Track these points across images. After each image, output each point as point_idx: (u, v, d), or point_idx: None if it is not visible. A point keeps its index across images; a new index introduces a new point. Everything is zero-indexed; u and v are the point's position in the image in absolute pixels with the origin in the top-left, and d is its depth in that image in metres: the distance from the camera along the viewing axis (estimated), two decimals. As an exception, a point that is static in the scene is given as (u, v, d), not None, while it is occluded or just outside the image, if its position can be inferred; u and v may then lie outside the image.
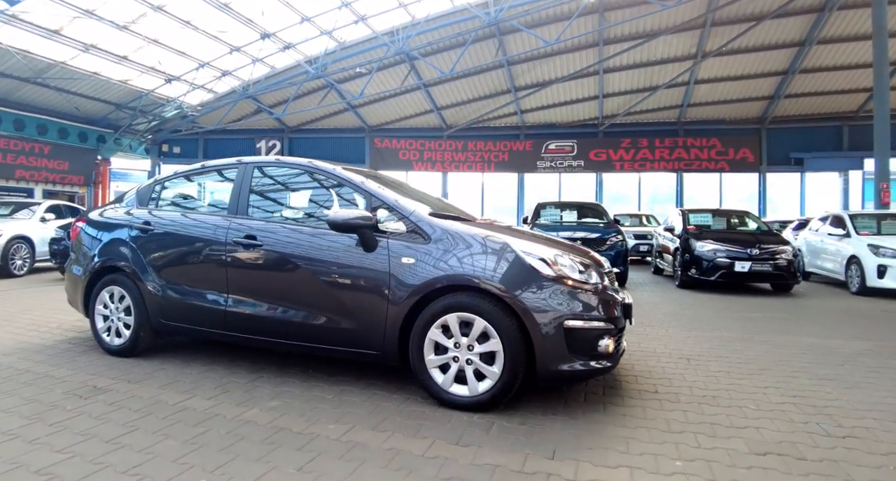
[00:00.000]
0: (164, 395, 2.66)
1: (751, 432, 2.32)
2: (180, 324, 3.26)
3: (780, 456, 2.07)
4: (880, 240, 7.63)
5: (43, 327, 4.26)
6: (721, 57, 14.82)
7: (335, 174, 3.10)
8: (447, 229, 2.67)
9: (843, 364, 3.56)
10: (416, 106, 18.04)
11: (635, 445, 2.16)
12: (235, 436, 2.17)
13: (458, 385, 2.51)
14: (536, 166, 19.18)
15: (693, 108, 17.77)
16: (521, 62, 15.45)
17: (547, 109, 18.21)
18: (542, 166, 19.17)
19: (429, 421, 2.37)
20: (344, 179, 3.05)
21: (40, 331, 4.13)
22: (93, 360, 3.29)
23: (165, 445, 2.06)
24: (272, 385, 2.87)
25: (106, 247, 3.52)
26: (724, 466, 1.98)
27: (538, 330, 2.39)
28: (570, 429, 2.31)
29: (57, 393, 2.65)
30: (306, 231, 2.93)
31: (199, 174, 3.71)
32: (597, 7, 12.80)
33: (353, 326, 2.72)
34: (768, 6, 12.82)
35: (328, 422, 2.33)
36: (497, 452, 2.06)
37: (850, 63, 14.83)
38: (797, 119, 17.45)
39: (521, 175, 19.57)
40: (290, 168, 3.38)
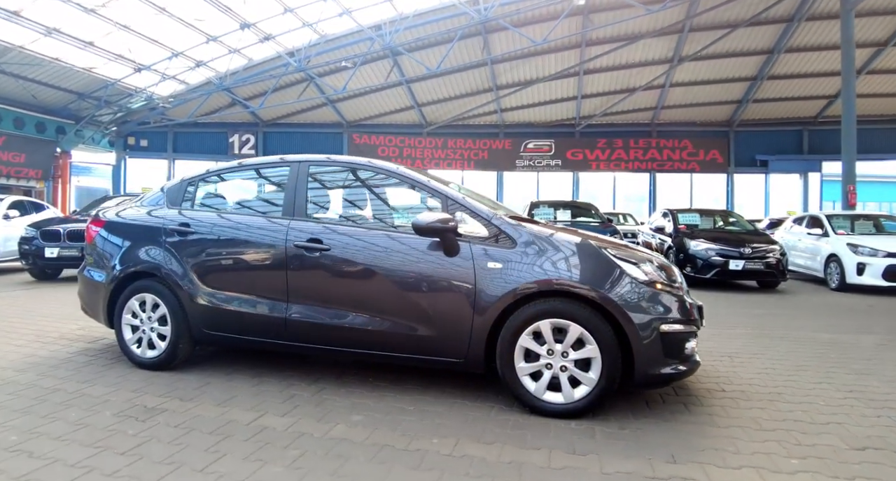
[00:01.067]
0: (231, 413, 2.47)
1: (836, 428, 2.41)
2: (227, 335, 3.05)
3: (878, 450, 2.16)
4: (858, 239, 8.10)
5: (44, 337, 3.90)
6: (696, 61, 15.35)
7: (400, 174, 3.01)
8: (534, 233, 2.65)
9: (869, 358, 3.74)
10: (396, 102, 17.86)
11: (742, 445, 2.20)
12: (338, 457, 2.03)
13: (550, 392, 2.49)
14: (515, 165, 19.38)
15: (666, 111, 18.35)
16: (505, 61, 15.54)
17: (526, 109, 18.41)
18: (520, 165, 19.38)
19: (529, 430, 2.34)
20: (413, 180, 2.95)
21: (43, 341, 3.78)
22: (124, 375, 3.03)
23: (268, 472, 1.90)
24: (340, 397, 2.74)
25: (135, 251, 3.24)
26: (837, 462, 2.05)
27: (637, 335, 2.40)
28: (670, 431, 2.34)
29: (106, 414, 2.41)
30: (378, 234, 2.83)
31: (239, 172, 3.52)
32: (583, 9, 12.99)
33: (432, 333, 2.63)
34: (743, 14, 13.36)
35: (429, 437, 2.24)
36: (618, 459, 2.06)
37: (812, 71, 15.68)
38: (762, 123, 18.30)
39: (500, 173, 19.74)
40: (348, 167, 3.26)
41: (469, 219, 2.71)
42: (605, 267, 2.52)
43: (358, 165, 3.21)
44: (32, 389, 2.73)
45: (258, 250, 3.00)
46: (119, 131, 17.51)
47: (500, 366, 2.54)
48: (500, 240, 2.64)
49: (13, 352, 3.50)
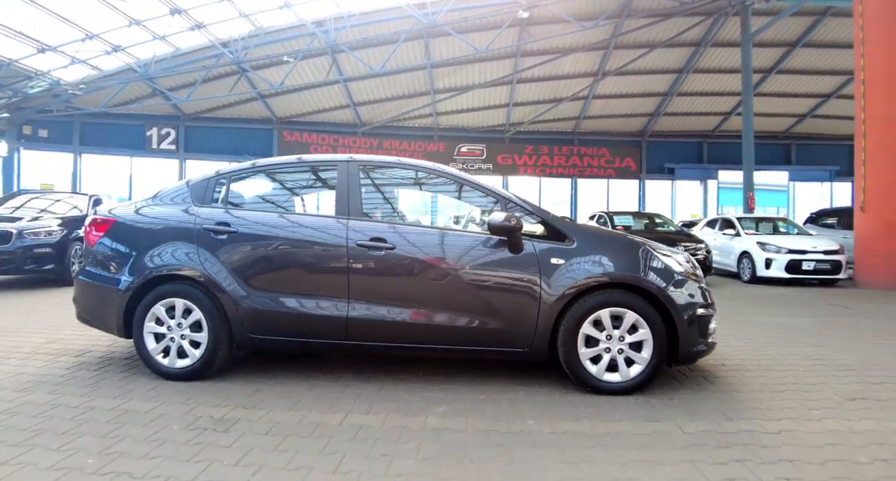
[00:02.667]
0: (312, 416, 2.42)
1: (824, 387, 2.96)
2: (278, 338, 2.95)
3: (864, 400, 2.72)
4: (765, 238, 9.41)
5: (16, 353, 3.43)
6: (617, 76, 16.73)
7: (455, 175, 3.18)
8: (586, 232, 2.95)
9: (814, 335, 4.49)
10: (331, 100, 17.54)
11: (770, 404, 2.66)
12: (453, 445, 2.14)
13: (608, 373, 2.80)
14: (449, 167, 19.77)
15: (588, 121, 19.75)
16: (444, 66, 15.88)
17: (461, 113, 18.92)
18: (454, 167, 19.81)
19: (600, 407, 2.61)
20: (470, 182, 3.14)
21: (19, 358, 3.31)
22: (154, 387, 2.81)
23: (402, 465, 1.96)
24: (405, 392, 2.80)
25: (159, 252, 3.01)
26: (841, 410, 2.57)
27: (682, 319, 2.78)
28: (710, 399, 2.74)
29: (175, 429, 2.25)
30: (441, 233, 2.97)
31: (276, 171, 3.45)
32: (523, 21, 13.68)
33: (501, 326, 2.82)
34: (661, 36, 14.82)
35: (522, 419, 2.44)
36: (688, 422, 2.41)
37: (713, 90, 17.72)
38: (670, 134, 20.29)
39: (434, 175, 20.01)
40: (401, 168, 3.35)
41: (527, 219, 2.94)
42: (651, 261, 2.89)
43: (412, 166, 3.31)
44: (58, 409, 2.46)
45: (317, 249, 2.96)
46: (12, 119, 15.44)
47: (563, 353, 2.79)
48: (557, 239, 2.90)
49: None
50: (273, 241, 3.00)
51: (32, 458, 1.94)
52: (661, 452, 2.09)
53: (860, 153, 8.60)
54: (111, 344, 3.76)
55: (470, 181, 3.15)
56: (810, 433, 2.32)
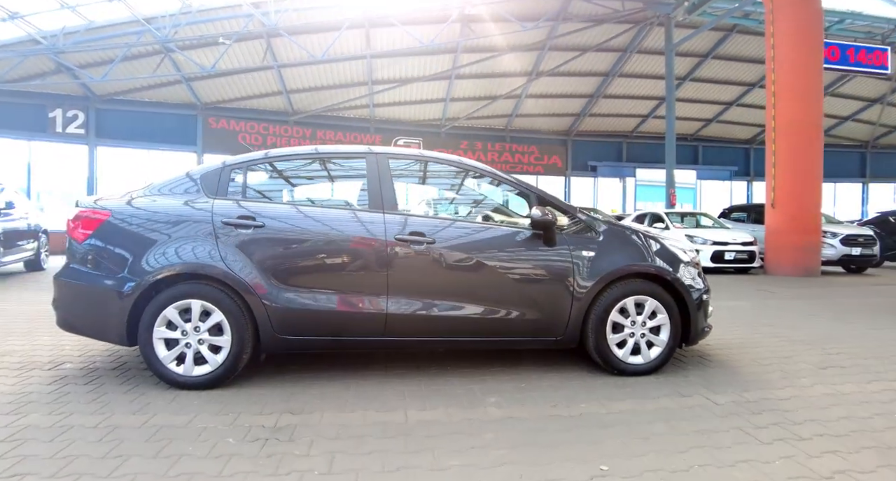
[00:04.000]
0: (371, 416, 2.39)
1: (798, 358, 3.40)
2: (311, 337, 2.84)
3: (837, 368, 3.17)
4: (692, 231, 10.39)
5: None
6: (550, 77, 17.46)
7: (488, 170, 3.27)
8: (609, 225, 3.17)
9: (765, 316, 5.10)
10: (263, 86, 16.65)
11: (769, 377, 3.03)
12: (531, 431, 2.23)
13: (632, 356, 3.04)
14: (385, 160, 19.58)
15: (519, 118, 20.41)
16: (384, 57, 15.67)
17: (398, 106, 18.76)
18: (390, 160, 19.65)
19: (631, 387, 2.84)
20: (503, 177, 3.24)
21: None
22: (175, 399, 2.58)
23: (495, 454, 2.07)
24: (450, 386, 2.83)
25: (171, 248, 2.76)
26: (821, 376, 2.98)
27: (693, 304, 3.10)
28: (720, 374, 3.08)
29: (233, 442, 2.10)
30: (479, 227, 3.06)
31: (296, 161, 3.31)
32: (466, 17, 13.85)
33: (538, 316, 2.96)
34: (592, 41, 15.67)
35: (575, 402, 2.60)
36: (714, 394, 2.72)
37: (634, 94, 19.04)
38: (594, 134, 21.51)
39: (370, 168, 19.73)
40: (426, 161, 3.36)
41: (558, 214, 3.10)
42: (666, 252, 3.17)
43: (438, 159, 3.34)
44: (75, 430, 2.18)
45: (354, 244, 2.88)
46: None
47: (593, 339, 2.99)
48: (586, 232, 3.10)
49: None
50: (306, 236, 2.87)
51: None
52: (711, 422, 2.35)
53: (770, 156, 9.74)
54: (82, 352, 3.46)
55: (499, 176, 3.25)
56: (812, 397, 2.71)
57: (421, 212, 3.15)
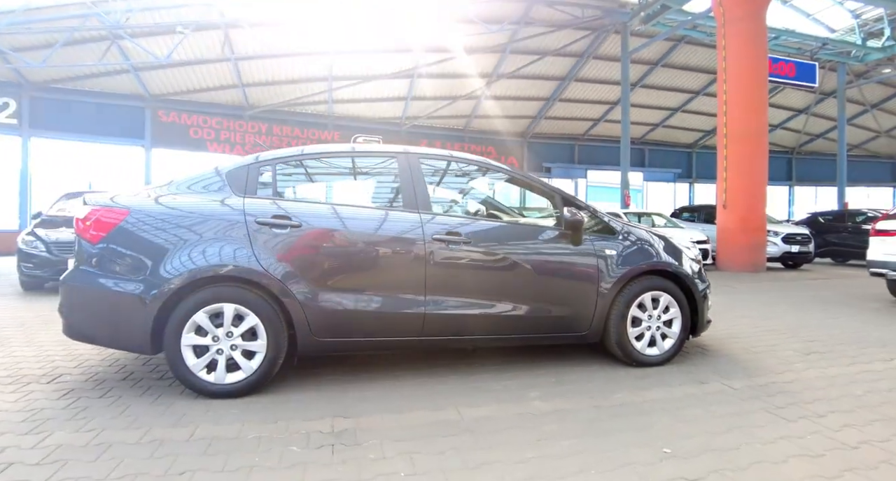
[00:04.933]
0: (427, 415, 2.42)
1: (783, 345, 3.74)
2: (350, 339, 2.82)
3: (819, 353, 3.53)
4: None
5: None
6: (509, 79, 17.84)
7: (514, 171, 3.41)
8: (625, 225, 3.37)
9: (737, 308, 5.53)
10: (217, 78, 15.97)
11: (766, 363, 3.33)
12: (589, 422, 2.43)
13: (649, 347, 3.26)
14: (344, 157, 19.32)
15: (478, 119, 20.70)
16: (346, 53, 15.46)
17: (358, 103, 18.56)
18: (349, 158, 19.41)
19: (650, 378, 3.03)
20: (529, 178, 3.39)
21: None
22: (210, 409, 2.48)
23: (565, 445, 2.21)
24: (488, 381, 2.93)
25: (200, 250, 2.64)
26: (808, 359, 3.31)
27: (701, 297, 3.36)
28: (724, 363, 3.35)
29: (297, 450, 2.06)
30: (510, 227, 3.17)
31: (326, 159, 3.28)
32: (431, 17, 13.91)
33: (567, 312, 3.11)
34: (552, 45, 16.16)
35: (611, 393, 2.78)
36: (728, 380, 2.97)
37: (588, 98, 19.79)
38: (549, 136, 22.16)
39: (328, 165, 19.39)
40: (456, 162, 3.41)
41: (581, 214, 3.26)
42: (676, 250, 3.41)
43: (469, 160, 3.41)
44: (116, 448, 2.05)
45: (394, 244, 2.87)
46: None
47: (615, 333, 3.18)
48: (606, 232, 3.28)
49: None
50: (344, 236, 2.83)
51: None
52: (738, 405, 2.59)
53: (722, 161, 10.46)
54: (77, 363, 3.27)
55: (527, 177, 3.39)
56: (811, 379, 3.02)
57: (451, 211, 3.21)
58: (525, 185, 3.46)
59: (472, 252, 2.98)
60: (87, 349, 3.58)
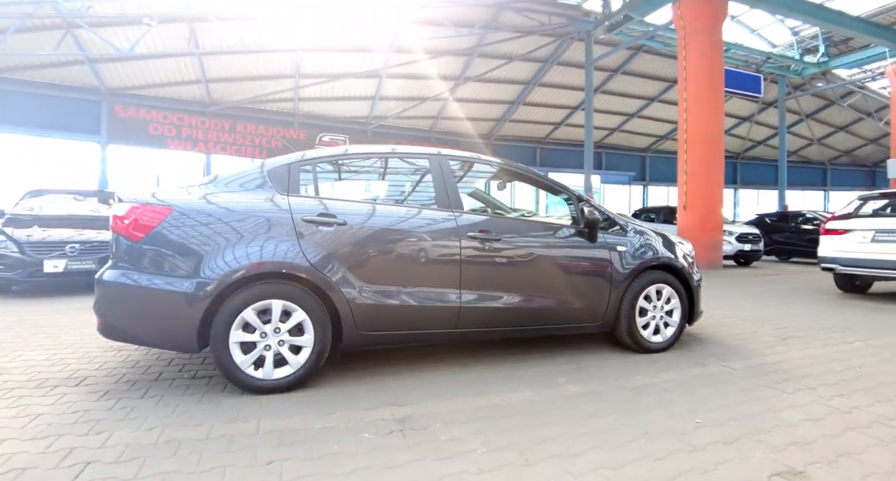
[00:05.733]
0: (475, 400, 2.59)
1: (761, 333, 4.16)
2: (391, 332, 2.93)
3: (796, 337, 3.97)
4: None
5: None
6: (476, 82, 18.19)
7: (530, 172, 3.64)
8: (634, 224, 3.67)
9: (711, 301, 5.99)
10: (179, 73, 15.45)
11: (756, 347, 3.71)
12: (621, 403, 2.72)
13: (654, 335, 3.58)
14: (310, 156, 19.10)
15: (445, 121, 20.96)
16: (315, 51, 15.33)
17: (325, 101, 18.43)
18: (315, 157, 19.20)
19: (662, 362, 3.35)
20: (545, 179, 3.62)
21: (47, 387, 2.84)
22: (263, 404, 2.52)
23: (605, 421, 2.47)
24: (516, 369, 3.15)
25: (249, 247, 2.66)
26: (787, 344, 3.74)
27: (696, 289, 3.73)
28: (719, 349, 3.71)
29: (368, 437, 2.15)
30: (532, 224, 3.38)
31: (362, 159, 3.39)
32: (403, 19, 14.03)
33: (584, 304, 3.37)
34: (518, 50, 16.62)
35: (631, 375, 3.07)
36: (729, 362, 3.32)
37: (551, 103, 20.43)
38: (511, 138, 22.70)
39: (294, 164, 19.11)
40: (484, 164, 3.61)
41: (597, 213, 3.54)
42: (673, 246, 3.75)
43: (491, 161, 3.61)
44: (190, 444, 2.07)
45: (432, 241, 3.00)
46: None
47: (625, 323, 3.48)
48: (617, 229, 3.57)
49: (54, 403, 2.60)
50: (387, 234, 2.93)
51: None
52: (742, 382, 2.92)
53: (682, 165, 11.15)
54: (98, 365, 3.22)
55: (544, 178, 3.63)
56: (795, 359, 3.42)
57: (479, 210, 3.41)
58: (545, 187, 3.68)
59: (502, 248, 3.17)
60: (98, 351, 3.55)
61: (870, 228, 6.09)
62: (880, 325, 4.61)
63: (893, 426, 2.31)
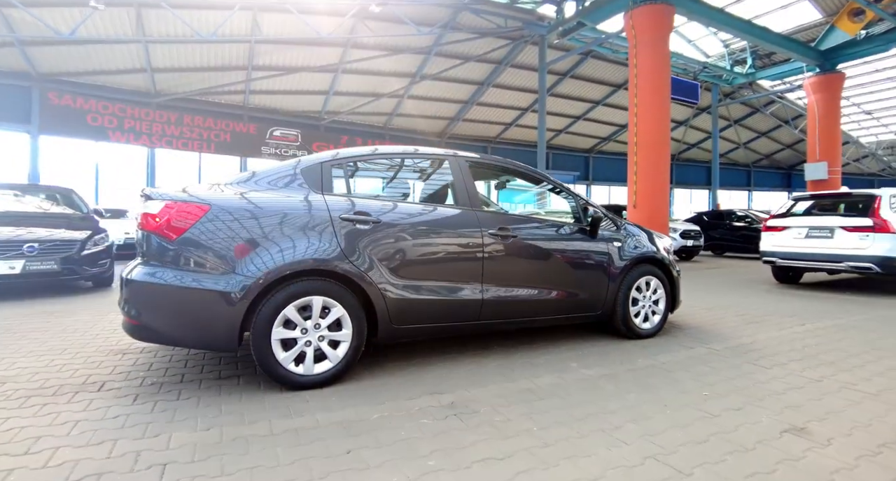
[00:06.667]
0: (508, 386, 2.86)
1: (731, 318, 4.70)
2: (421, 325, 3.07)
3: (762, 320, 4.52)
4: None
5: None
6: (432, 80, 18.39)
7: (538, 174, 3.90)
8: (624, 222, 4.04)
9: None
10: (123, 60, 14.58)
11: (736, 329, 4.19)
12: (634, 381, 3.04)
13: (644, 323, 3.97)
14: (261, 152, 18.60)
15: (399, 118, 21.02)
16: (270, 43, 14.96)
17: (276, 95, 17.97)
18: (267, 152, 18.72)
19: (653, 347, 3.72)
20: (551, 180, 3.90)
21: (21, 403, 2.69)
22: (311, 399, 2.58)
23: (633, 397, 2.78)
24: (530, 357, 3.47)
25: (289, 244, 2.71)
26: (757, 326, 4.26)
27: (677, 279, 4.15)
28: (698, 331, 4.16)
29: (428, 422, 2.28)
30: (542, 222, 3.65)
31: (389, 159, 3.52)
32: (363, 13, 13.98)
33: (587, 297, 3.68)
34: (474, 51, 16.97)
35: (631, 359, 3.44)
36: (711, 344, 3.75)
37: (503, 104, 20.96)
38: (464, 138, 23.07)
39: (244, 159, 18.53)
40: (494, 163, 3.83)
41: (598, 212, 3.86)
42: (657, 241, 4.15)
43: (503, 163, 3.83)
44: (261, 439, 2.12)
45: (458, 238, 3.18)
46: None
47: (620, 312, 3.83)
48: (613, 226, 3.92)
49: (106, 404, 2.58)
50: (417, 231, 3.07)
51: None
52: (726, 361, 3.34)
53: (633, 166, 11.90)
54: (109, 368, 3.13)
55: (551, 180, 3.91)
56: (763, 340, 3.91)
57: (496, 209, 3.63)
58: (550, 187, 3.97)
59: (519, 245, 3.42)
60: (101, 355, 3.43)
61: (804, 226, 6.88)
62: (819, 312, 5.29)
63: (857, 390, 2.78)
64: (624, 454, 2.01)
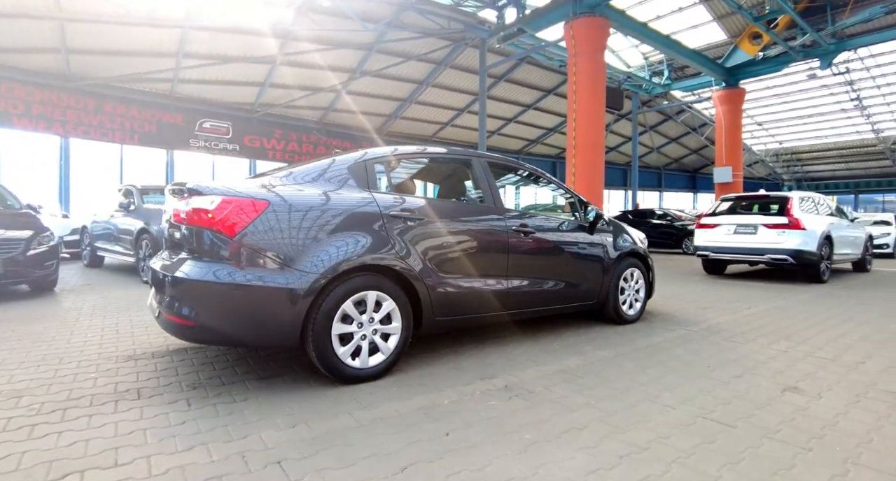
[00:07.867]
0: (547, 368, 3.14)
1: (719, 308, 5.37)
2: (458, 317, 3.25)
3: (747, 309, 5.21)
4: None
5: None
6: (372, 77, 18.32)
7: (546, 175, 4.24)
8: (612, 219, 4.51)
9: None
10: (32, 38, 13.10)
11: (708, 312, 4.82)
12: (642, 360, 3.47)
13: (629, 310, 4.46)
14: (189, 144, 17.58)
15: (336, 113, 20.69)
16: (206, 30, 14.19)
17: (206, 84, 17.03)
18: (195, 145, 17.73)
19: (643, 330, 4.24)
20: (554, 180, 4.26)
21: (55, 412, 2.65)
22: (373, 392, 2.64)
23: (652, 372, 3.21)
24: (547, 343, 3.81)
25: (345, 241, 2.76)
26: (747, 317, 4.94)
27: (653, 270, 4.70)
28: (681, 316, 4.73)
29: (482, 409, 2.40)
30: (551, 219, 3.99)
31: (422, 158, 3.67)
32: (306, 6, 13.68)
33: (587, 287, 4.09)
34: (416, 50, 17.15)
35: (631, 342, 3.88)
36: (693, 327, 4.32)
37: (440, 103, 21.31)
38: (401, 135, 23.14)
39: (171, 152, 17.39)
40: (511, 165, 4.07)
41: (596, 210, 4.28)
42: (635, 236, 4.67)
43: (511, 162, 4.09)
44: (379, 424, 2.22)
45: (491, 234, 3.44)
46: None
47: (612, 301, 4.30)
48: (603, 223, 4.37)
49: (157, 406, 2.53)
50: (456, 228, 3.26)
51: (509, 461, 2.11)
52: (706, 339, 3.90)
53: (571, 168, 12.74)
54: (133, 374, 3.07)
55: (556, 181, 4.28)
56: (727, 321, 4.56)
57: (512, 207, 3.93)
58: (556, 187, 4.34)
59: (536, 240, 3.75)
60: (111, 363, 3.27)
61: (732, 223, 7.88)
62: (755, 297, 6.15)
63: (817, 357, 3.42)
64: (677, 416, 2.40)
